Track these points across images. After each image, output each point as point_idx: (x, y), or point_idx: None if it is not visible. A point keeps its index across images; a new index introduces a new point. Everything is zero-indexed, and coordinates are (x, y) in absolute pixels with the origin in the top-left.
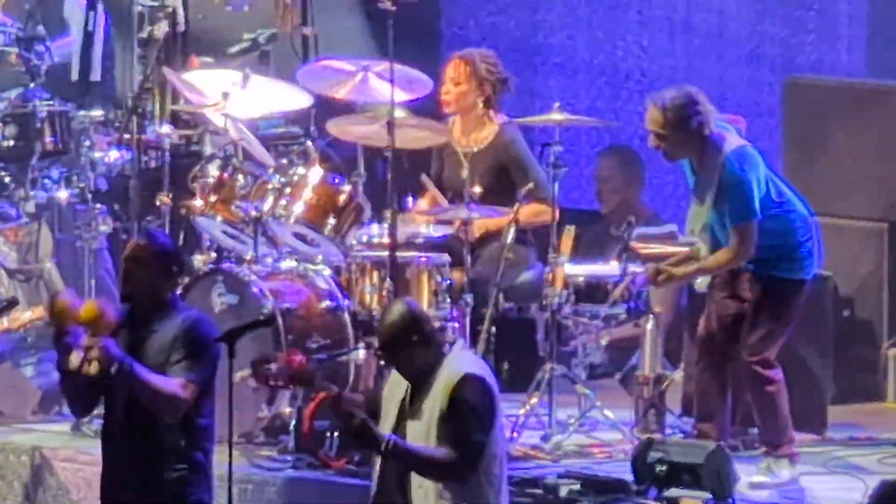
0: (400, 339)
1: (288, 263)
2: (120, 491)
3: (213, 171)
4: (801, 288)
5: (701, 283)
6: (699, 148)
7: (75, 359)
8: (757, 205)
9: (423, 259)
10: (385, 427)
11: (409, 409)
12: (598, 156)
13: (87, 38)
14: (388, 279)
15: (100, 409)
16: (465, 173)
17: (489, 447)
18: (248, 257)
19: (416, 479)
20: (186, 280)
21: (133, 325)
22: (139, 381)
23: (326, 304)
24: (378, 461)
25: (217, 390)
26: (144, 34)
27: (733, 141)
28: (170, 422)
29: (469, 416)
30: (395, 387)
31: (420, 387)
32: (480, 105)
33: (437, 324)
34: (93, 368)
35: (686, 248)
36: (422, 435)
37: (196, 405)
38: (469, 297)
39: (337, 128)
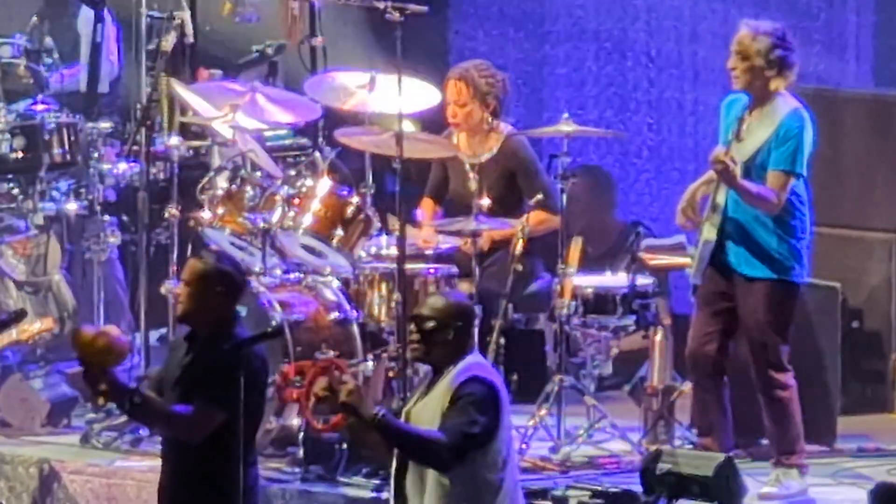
0: (447, 322)
1: (296, 275)
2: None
3: (222, 182)
4: (796, 290)
5: (692, 271)
6: (767, 88)
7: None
8: (804, 162)
9: (432, 271)
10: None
11: (421, 399)
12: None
13: (95, 49)
14: (396, 291)
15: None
16: (473, 185)
17: (489, 449)
18: (257, 269)
19: (413, 473)
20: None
21: (190, 346)
22: (149, 413)
23: (335, 315)
24: (393, 473)
25: None
26: (153, 46)
27: (798, 104)
28: (194, 443)
29: (466, 409)
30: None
31: (435, 379)
32: (489, 118)
33: None
34: (100, 401)
35: (691, 260)
36: (427, 420)
37: (232, 435)
38: (478, 309)
39: (345, 137)
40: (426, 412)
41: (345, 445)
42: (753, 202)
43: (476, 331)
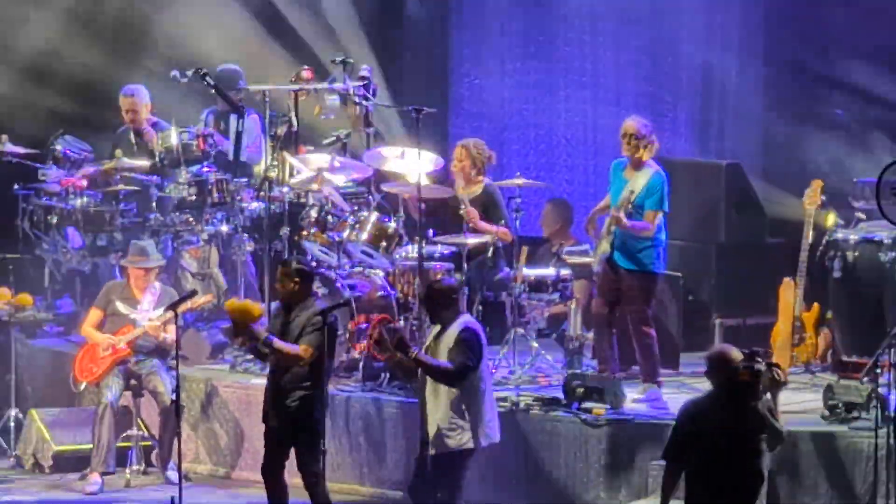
0: (446, 297)
1: (358, 269)
2: (274, 404)
3: (314, 214)
4: (657, 277)
5: (595, 265)
6: (642, 157)
7: (239, 342)
8: (667, 203)
9: (438, 266)
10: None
11: (434, 342)
12: (546, 202)
13: (237, 135)
14: (417, 278)
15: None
16: (462, 211)
17: (477, 372)
18: (334, 265)
19: (430, 387)
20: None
21: (287, 312)
22: (274, 348)
23: (381, 293)
24: (418, 386)
25: None
26: (272, 131)
27: (658, 167)
28: (299, 368)
29: (464, 350)
30: (432, 334)
31: (443, 329)
32: (474, 172)
33: None
34: (242, 343)
35: (596, 258)
36: (441, 354)
37: (318, 360)
38: (466, 290)
39: (387, 188)
40: (440, 348)
41: (387, 371)
42: (638, 233)
43: (465, 300)
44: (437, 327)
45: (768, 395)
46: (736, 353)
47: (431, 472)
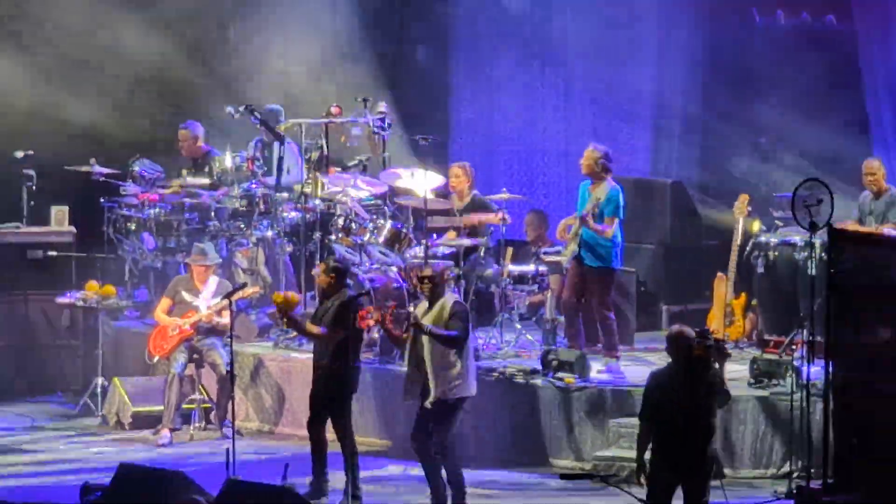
0: (445, 280)
1: (376, 265)
2: (316, 373)
3: (340, 221)
4: (614, 272)
5: (565, 262)
6: (604, 178)
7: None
8: (622, 211)
9: (440, 263)
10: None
11: (425, 315)
12: (527, 213)
13: (280, 161)
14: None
15: (287, 335)
16: (457, 220)
17: (468, 341)
18: (357, 263)
19: (428, 349)
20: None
21: (325, 300)
22: (302, 328)
23: (395, 285)
24: (407, 358)
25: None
26: (307, 156)
27: (615, 184)
28: (332, 346)
29: (462, 319)
30: (420, 309)
31: (432, 305)
32: (467, 188)
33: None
34: (284, 325)
35: (566, 257)
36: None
37: (348, 342)
38: (462, 282)
39: (400, 200)
40: (432, 320)
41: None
42: (599, 234)
43: (462, 290)
44: (424, 305)
45: (717, 365)
46: (690, 332)
47: (431, 418)
